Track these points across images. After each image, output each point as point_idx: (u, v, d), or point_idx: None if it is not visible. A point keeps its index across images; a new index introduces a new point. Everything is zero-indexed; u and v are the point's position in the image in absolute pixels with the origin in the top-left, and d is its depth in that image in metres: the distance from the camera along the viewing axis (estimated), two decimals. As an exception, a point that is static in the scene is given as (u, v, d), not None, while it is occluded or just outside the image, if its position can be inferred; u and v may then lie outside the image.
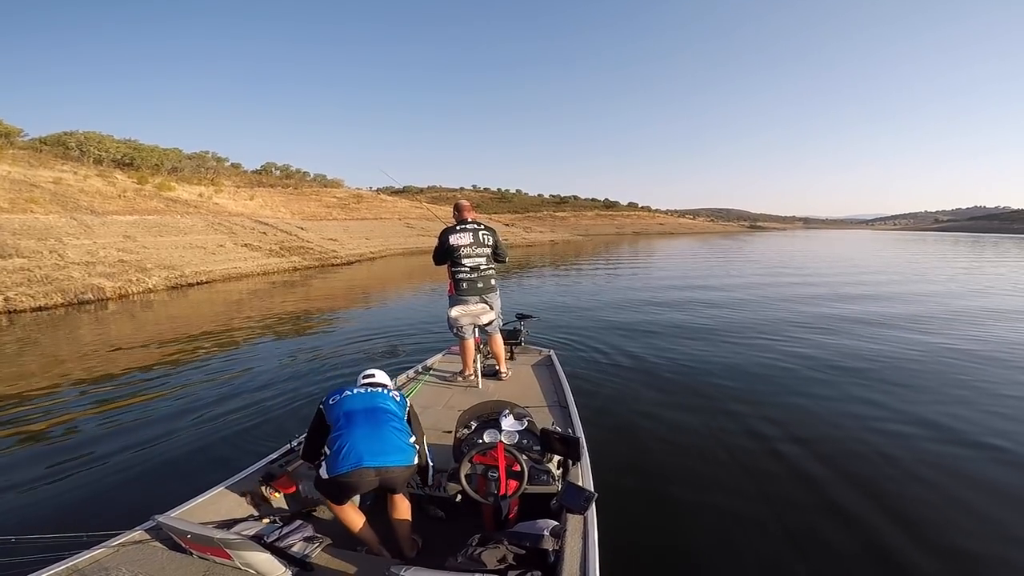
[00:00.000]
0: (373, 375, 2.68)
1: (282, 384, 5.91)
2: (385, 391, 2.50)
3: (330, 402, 2.39)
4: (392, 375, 4.53)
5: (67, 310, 11.24)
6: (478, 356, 4.33)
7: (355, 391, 2.43)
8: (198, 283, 15.71)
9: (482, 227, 4.35)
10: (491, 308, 4.28)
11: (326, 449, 2.26)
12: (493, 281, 4.43)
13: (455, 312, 4.17)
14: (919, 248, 41.77)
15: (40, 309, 11.07)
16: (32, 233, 14.51)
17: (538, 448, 2.63)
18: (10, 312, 10.66)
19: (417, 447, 2.37)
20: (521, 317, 5.58)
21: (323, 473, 2.20)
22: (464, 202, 4.48)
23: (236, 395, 5.54)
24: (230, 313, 11.05)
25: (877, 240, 64.19)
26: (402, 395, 2.55)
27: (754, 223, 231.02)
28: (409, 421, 2.45)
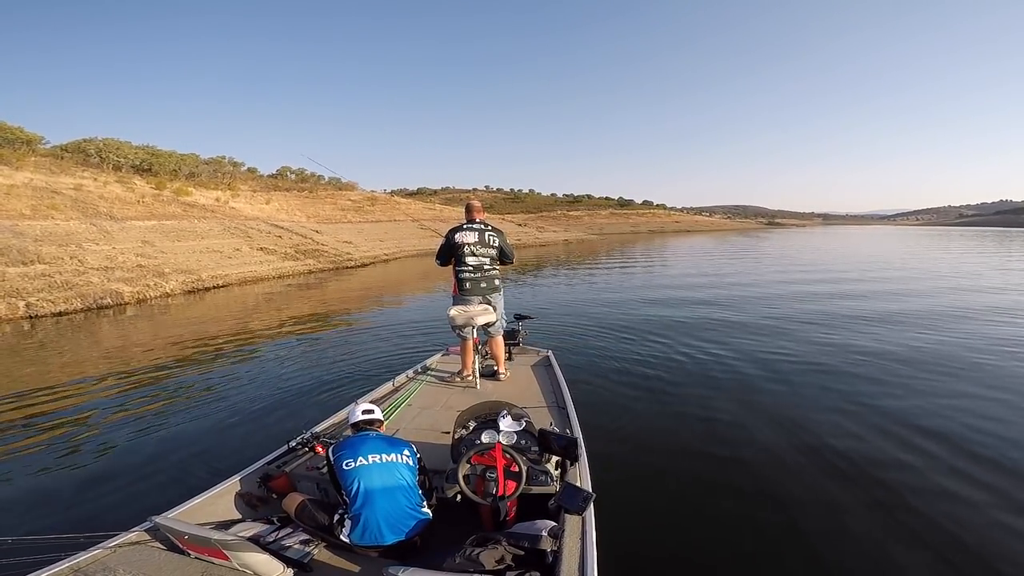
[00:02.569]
0: (372, 411, 2.69)
1: (284, 384, 5.98)
2: (399, 457, 2.40)
3: (344, 466, 2.32)
4: (392, 376, 4.49)
5: (86, 315, 11.42)
6: (476, 357, 4.31)
7: (371, 460, 2.33)
8: (214, 287, 15.88)
9: (489, 228, 4.34)
10: (492, 309, 4.25)
11: (347, 519, 2.26)
12: (497, 282, 4.41)
13: (455, 312, 4.15)
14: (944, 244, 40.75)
15: (60, 314, 11.26)
16: (53, 239, 14.80)
17: (536, 449, 2.61)
18: (31, 317, 10.86)
19: (426, 504, 2.41)
20: (519, 317, 5.57)
21: (344, 537, 2.24)
22: (475, 203, 4.48)
23: (238, 396, 5.62)
24: (243, 317, 11.17)
25: (900, 236, 62.74)
26: (411, 449, 2.48)
27: (772, 219, 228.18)
28: (421, 469, 2.48)
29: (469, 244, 4.23)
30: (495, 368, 4.49)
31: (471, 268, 4.27)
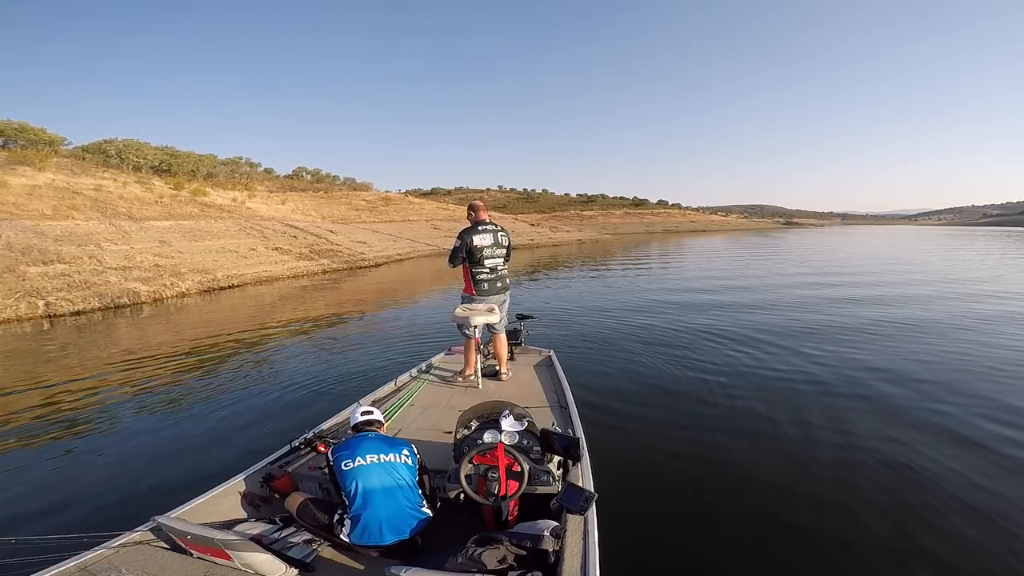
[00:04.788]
0: (371, 412, 2.69)
1: (290, 384, 6.02)
2: (398, 457, 2.40)
3: (343, 467, 2.33)
4: (394, 376, 4.50)
5: (103, 314, 11.59)
6: (479, 356, 4.32)
7: (369, 460, 2.33)
8: (230, 287, 16.03)
9: (500, 228, 4.41)
10: (498, 307, 4.29)
11: (347, 519, 2.26)
12: (507, 280, 4.52)
13: (460, 311, 4.17)
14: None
15: (78, 313, 11.43)
16: (73, 239, 15.06)
17: (538, 448, 2.61)
18: (50, 316, 11.04)
19: (426, 504, 2.40)
20: (521, 317, 5.58)
21: (344, 536, 2.24)
22: (479, 202, 4.50)
23: (244, 395, 5.67)
24: (255, 316, 11.25)
25: (924, 236, 61.43)
26: (411, 449, 2.48)
27: (790, 219, 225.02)
28: (421, 469, 2.48)
29: (487, 247, 4.28)
30: (497, 368, 4.50)
31: (488, 269, 4.34)
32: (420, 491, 2.40)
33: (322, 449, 2.84)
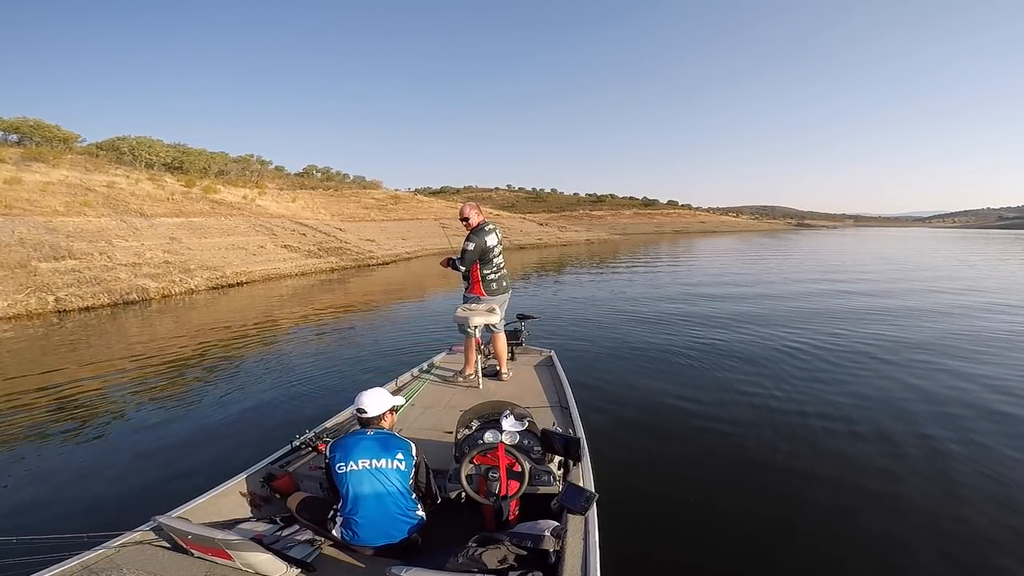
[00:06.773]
0: (366, 411, 2.55)
1: (292, 383, 6.04)
2: (391, 462, 2.33)
3: (336, 469, 2.32)
4: (395, 376, 4.48)
5: (112, 310, 11.69)
6: (479, 356, 4.29)
7: (360, 465, 2.29)
8: (238, 284, 16.14)
9: (495, 226, 4.39)
10: (499, 306, 4.25)
11: (339, 517, 2.27)
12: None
13: (462, 311, 4.15)
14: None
15: (87, 309, 11.55)
16: (84, 235, 15.20)
17: (539, 448, 2.61)
18: (60, 312, 11.14)
19: (420, 507, 2.37)
20: (522, 317, 5.55)
21: (336, 533, 2.27)
22: (471, 203, 4.40)
23: (246, 395, 5.69)
24: (262, 314, 11.32)
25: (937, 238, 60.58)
26: (407, 451, 2.39)
27: (801, 221, 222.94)
28: (416, 468, 2.41)
29: (495, 246, 4.27)
30: (497, 368, 4.47)
31: (496, 267, 4.33)
32: (414, 495, 2.36)
33: (323, 449, 2.80)
